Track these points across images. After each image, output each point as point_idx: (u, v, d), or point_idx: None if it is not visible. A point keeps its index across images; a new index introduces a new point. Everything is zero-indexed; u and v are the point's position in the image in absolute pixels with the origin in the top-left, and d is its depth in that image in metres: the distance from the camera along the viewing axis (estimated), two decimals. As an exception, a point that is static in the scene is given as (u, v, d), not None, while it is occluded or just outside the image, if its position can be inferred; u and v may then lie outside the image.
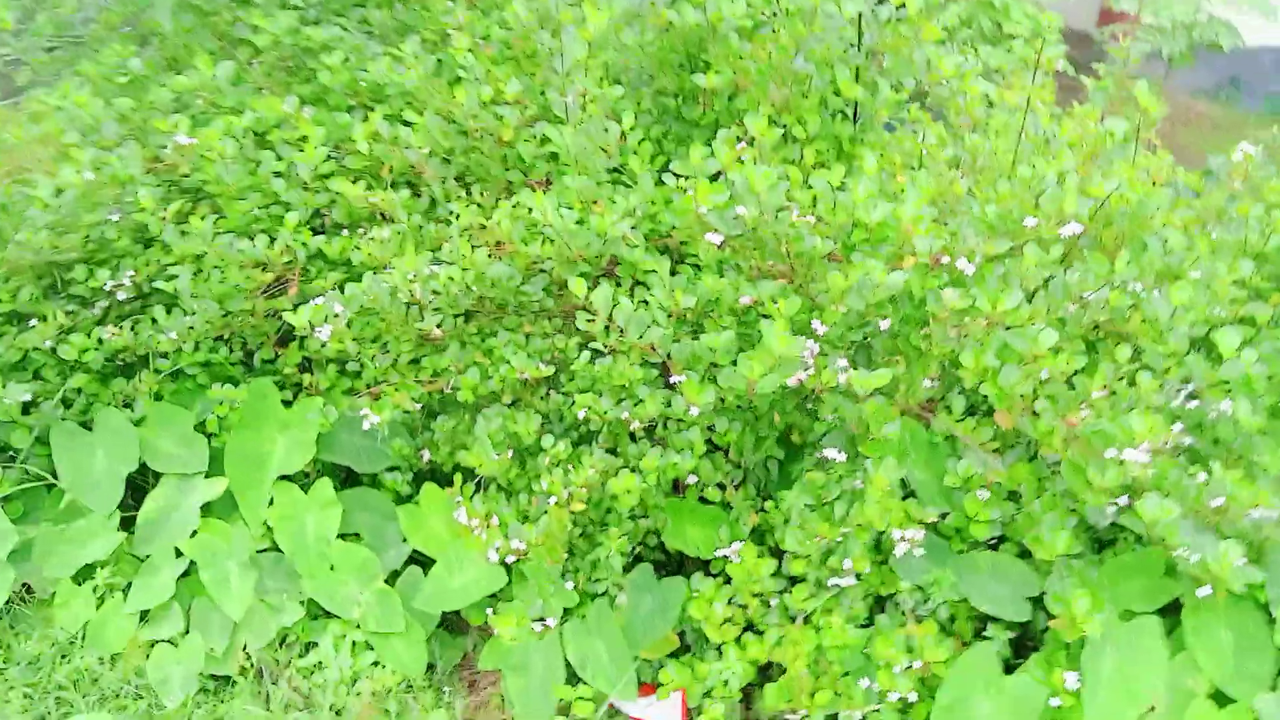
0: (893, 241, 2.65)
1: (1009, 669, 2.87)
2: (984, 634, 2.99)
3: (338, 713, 2.98)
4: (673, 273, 2.83)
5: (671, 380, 2.66)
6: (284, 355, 3.44)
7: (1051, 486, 2.90)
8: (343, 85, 3.58)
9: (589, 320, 2.61)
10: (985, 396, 2.91)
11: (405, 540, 3.28)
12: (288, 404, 3.42)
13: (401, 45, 3.60)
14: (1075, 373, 2.59)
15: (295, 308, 3.00)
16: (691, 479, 3.00)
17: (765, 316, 2.82)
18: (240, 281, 3.14)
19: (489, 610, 3.04)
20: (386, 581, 3.20)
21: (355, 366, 3.46)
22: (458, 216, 2.93)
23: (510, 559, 2.97)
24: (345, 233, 3.31)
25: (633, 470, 2.82)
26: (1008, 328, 2.55)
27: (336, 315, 2.86)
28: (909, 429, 2.97)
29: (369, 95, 3.68)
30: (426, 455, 3.38)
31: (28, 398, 3.24)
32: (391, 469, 3.45)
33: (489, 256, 2.92)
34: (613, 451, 3.01)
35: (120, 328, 3.23)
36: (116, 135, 3.30)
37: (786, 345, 2.36)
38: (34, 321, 3.35)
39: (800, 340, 2.38)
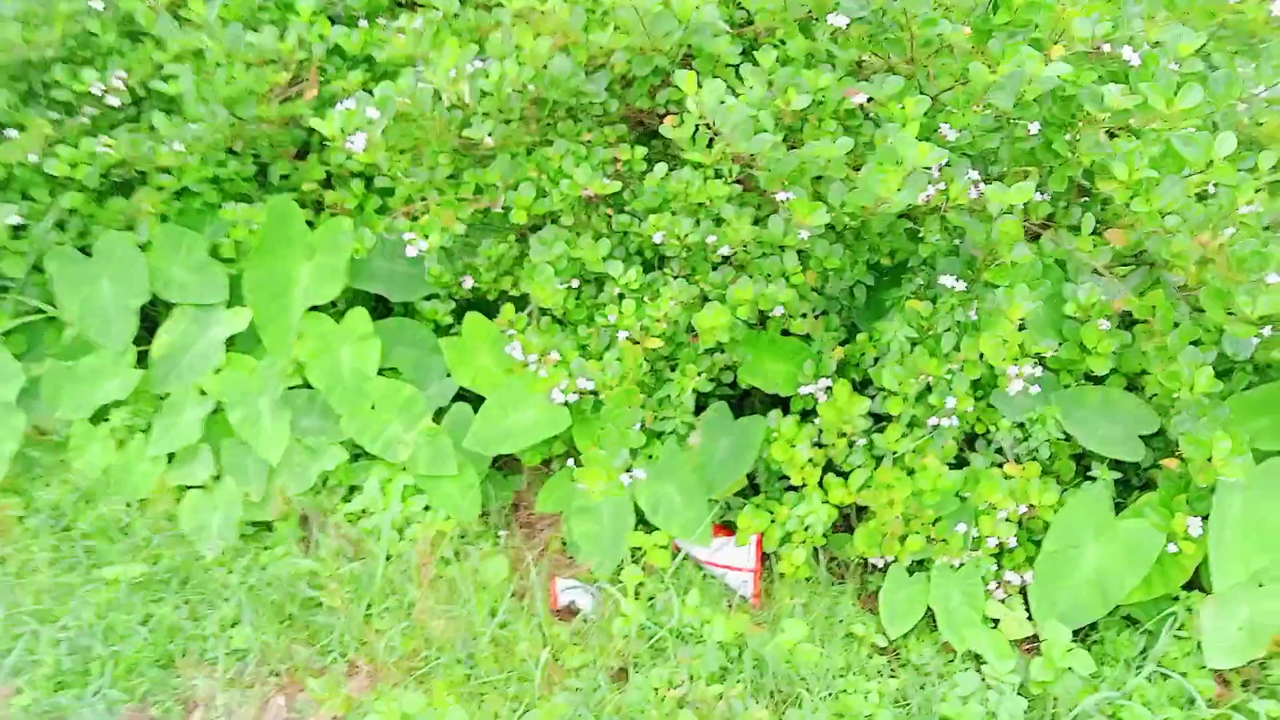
0: (1035, 27, 2.22)
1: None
2: (1086, 474, 2.77)
3: (392, 560, 2.76)
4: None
5: (780, 196, 2.28)
6: (303, 169, 3.03)
7: (1176, 314, 2.60)
8: None
9: (676, 125, 2.20)
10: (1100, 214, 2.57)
11: (449, 375, 2.99)
12: (310, 225, 3.04)
13: None
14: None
15: (318, 112, 2.58)
16: (776, 310, 2.67)
17: (874, 120, 2.43)
18: (250, 83, 2.69)
19: (570, 462, 2.78)
20: (433, 420, 2.93)
21: (384, 182, 3.06)
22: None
23: (573, 398, 2.69)
24: (364, 24, 2.85)
25: (720, 302, 2.49)
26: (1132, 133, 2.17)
27: (370, 122, 2.44)
28: (1024, 252, 2.63)
29: None
30: (469, 282, 3.03)
31: (17, 220, 2.86)
32: (429, 297, 3.11)
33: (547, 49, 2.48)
34: (687, 278, 2.67)
35: (115, 138, 2.80)
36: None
37: (924, 155, 1.98)
38: (13, 132, 2.92)
39: (938, 150, 1.99)
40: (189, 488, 2.88)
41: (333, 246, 2.98)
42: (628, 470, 2.43)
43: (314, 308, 2.95)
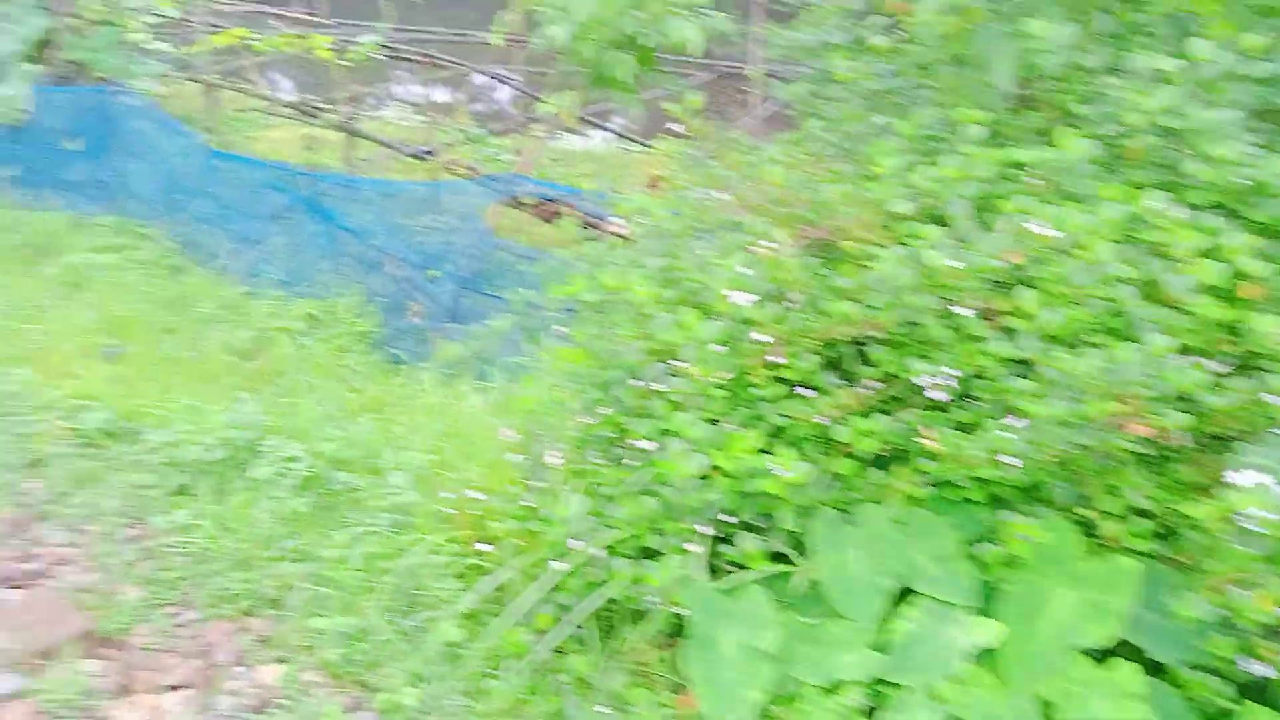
0: None
1: None
2: None
3: None
4: None
5: None
6: (1100, 500, 2.86)
7: None
8: (1208, 181, 2.93)
9: None
10: None
11: (1212, 768, 2.55)
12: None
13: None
14: None
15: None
16: None
17: None
18: (1088, 411, 2.61)
19: None
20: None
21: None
22: None
23: None
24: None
25: None
26: None
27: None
28: None
29: (1234, 195, 2.98)
30: (1256, 667, 2.59)
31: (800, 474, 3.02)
32: (1196, 667, 2.72)
33: None
34: None
35: (937, 430, 2.88)
36: (964, 214, 2.95)
37: None
38: (810, 392, 3.14)
39: None
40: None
41: (1109, 585, 2.75)
42: None
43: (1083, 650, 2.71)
